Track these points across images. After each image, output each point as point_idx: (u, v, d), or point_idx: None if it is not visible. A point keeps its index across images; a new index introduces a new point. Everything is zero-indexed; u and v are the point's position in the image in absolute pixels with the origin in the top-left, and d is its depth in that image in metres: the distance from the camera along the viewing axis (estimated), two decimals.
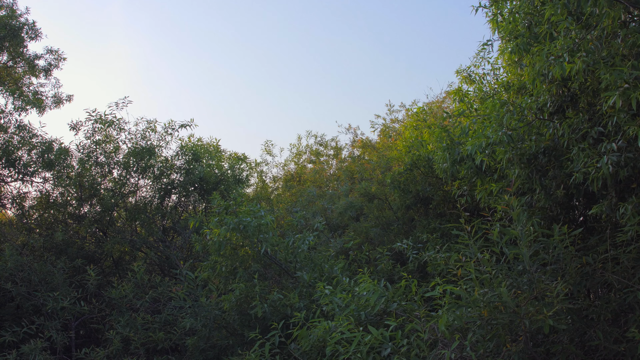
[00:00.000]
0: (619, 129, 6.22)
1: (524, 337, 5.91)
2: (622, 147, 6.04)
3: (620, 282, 6.15)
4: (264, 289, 8.51)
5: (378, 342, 6.45)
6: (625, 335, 5.89)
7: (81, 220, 13.18)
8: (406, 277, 7.39)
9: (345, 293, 7.38)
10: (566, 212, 7.66)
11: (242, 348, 8.10)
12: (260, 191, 18.96)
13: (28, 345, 9.19)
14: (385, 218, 12.90)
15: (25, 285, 10.42)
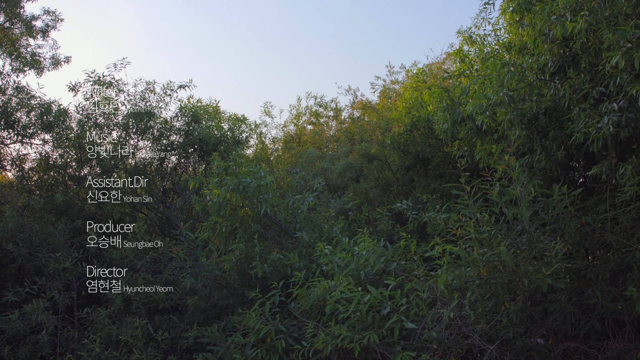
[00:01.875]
0: (620, 89, 6.18)
1: (522, 296, 5.95)
2: (623, 107, 6.01)
3: (619, 242, 6.17)
4: (264, 249, 8.55)
5: (377, 301, 6.50)
6: (623, 294, 5.94)
7: (81, 182, 13.18)
8: (406, 237, 7.42)
9: (345, 253, 7.42)
10: (566, 172, 7.66)
11: (242, 307, 8.17)
12: (260, 152, 18.93)
13: (30, 305, 9.26)
14: (384, 179, 12.90)
15: (26, 246, 10.46)
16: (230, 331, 8.01)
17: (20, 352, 9.16)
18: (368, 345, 6.23)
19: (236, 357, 7.26)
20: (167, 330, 9.17)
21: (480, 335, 6.31)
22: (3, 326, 9.14)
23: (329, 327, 6.68)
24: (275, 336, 7.12)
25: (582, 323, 6.22)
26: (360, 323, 6.47)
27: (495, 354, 6.21)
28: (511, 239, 6.10)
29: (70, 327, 9.97)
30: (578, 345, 6.19)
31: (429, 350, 6.36)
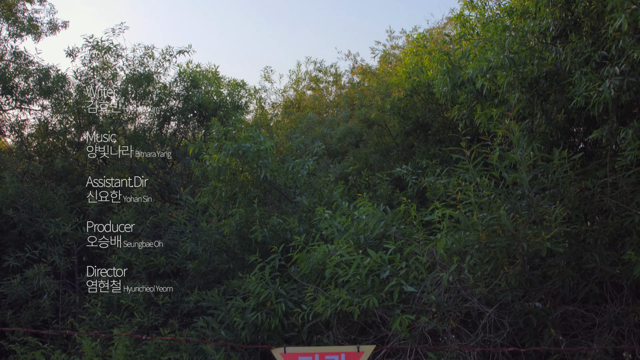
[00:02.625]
0: (622, 52, 6.13)
1: (521, 260, 5.98)
2: (625, 71, 5.97)
3: (619, 206, 6.17)
4: (264, 213, 8.56)
5: (377, 265, 6.53)
6: (622, 258, 5.96)
7: (80, 148, 13.15)
8: (405, 201, 7.43)
9: (345, 217, 7.44)
10: (566, 137, 7.64)
11: (242, 271, 8.21)
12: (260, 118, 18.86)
13: (32, 270, 9.31)
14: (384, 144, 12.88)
15: (26, 211, 10.48)
16: (230, 295, 8.06)
17: (22, 316, 9.24)
18: (367, 308, 6.27)
19: (236, 321, 7.32)
20: (168, 294, 9.23)
21: (479, 299, 6.35)
22: (5, 291, 9.20)
23: (328, 291, 6.72)
24: (275, 300, 7.17)
25: (580, 287, 6.26)
26: (360, 286, 6.51)
27: (493, 317, 6.26)
28: (511, 203, 6.10)
29: (72, 291, 10.04)
30: (576, 309, 6.23)
31: (427, 313, 6.41)
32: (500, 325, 6.29)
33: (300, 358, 4.16)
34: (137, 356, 7.30)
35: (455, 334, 6.37)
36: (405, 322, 6.07)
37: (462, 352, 6.17)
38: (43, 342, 8.10)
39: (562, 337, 5.97)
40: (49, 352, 7.71)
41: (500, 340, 6.10)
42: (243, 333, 7.26)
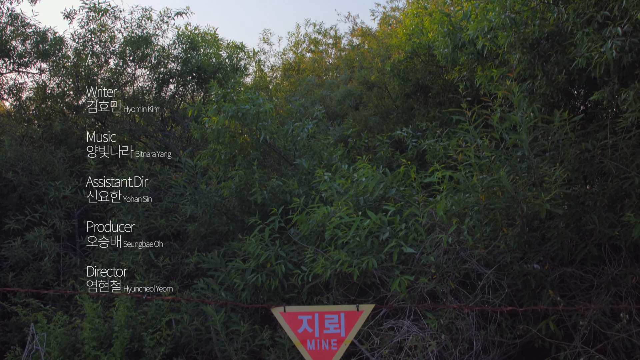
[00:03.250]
0: (625, 13, 6.05)
1: (520, 222, 5.99)
2: (627, 31, 5.90)
3: (619, 168, 6.16)
4: (263, 176, 8.55)
5: (376, 227, 6.54)
6: (621, 220, 5.97)
7: (79, 111, 13.10)
8: (405, 163, 7.42)
9: (344, 179, 7.43)
10: (567, 98, 7.59)
11: (242, 233, 8.23)
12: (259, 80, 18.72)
13: (32, 233, 9.34)
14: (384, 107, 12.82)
15: (26, 175, 10.48)
16: (230, 257, 8.10)
17: (24, 278, 9.30)
18: (367, 269, 6.31)
19: (236, 282, 7.36)
20: (168, 256, 9.28)
21: (477, 260, 6.38)
22: (6, 253, 9.25)
23: (328, 252, 6.75)
24: (275, 261, 7.21)
25: (579, 249, 6.28)
26: (359, 248, 6.53)
27: (492, 279, 6.30)
28: (511, 165, 6.09)
29: (72, 254, 10.08)
30: (574, 271, 6.27)
31: (427, 274, 6.44)
32: (498, 287, 6.33)
33: (299, 317, 4.19)
34: (138, 317, 7.37)
35: (454, 295, 6.42)
36: (404, 283, 6.11)
37: (460, 312, 6.22)
38: (45, 304, 8.17)
39: (560, 298, 6.01)
40: (50, 314, 7.77)
41: (499, 301, 6.14)
42: (243, 294, 7.31)
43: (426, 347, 5.98)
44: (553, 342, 6.06)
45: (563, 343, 6.00)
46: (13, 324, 8.58)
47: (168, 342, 7.18)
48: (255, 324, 7.35)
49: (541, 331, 6.04)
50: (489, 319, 6.30)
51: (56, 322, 7.20)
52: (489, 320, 6.29)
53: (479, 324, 6.26)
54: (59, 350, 6.86)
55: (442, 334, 6.07)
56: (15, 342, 8.11)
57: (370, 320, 6.52)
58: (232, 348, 6.95)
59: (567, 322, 6.09)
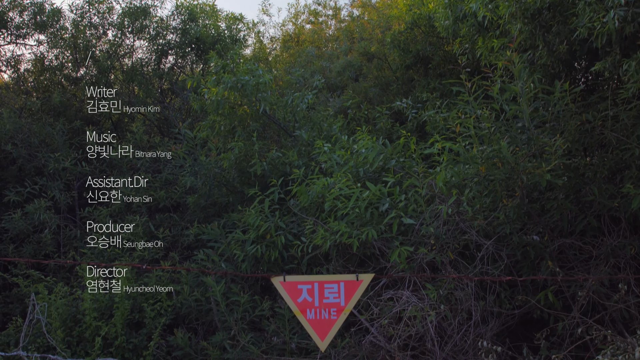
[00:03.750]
0: None
1: (520, 193, 5.98)
2: (630, 1, 5.84)
3: (619, 139, 6.14)
4: (263, 147, 8.54)
5: (376, 198, 6.54)
6: (620, 191, 5.96)
7: (78, 83, 13.04)
8: (405, 134, 7.40)
9: (344, 150, 7.42)
10: (568, 69, 7.54)
11: (242, 205, 8.24)
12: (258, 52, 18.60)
13: (32, 205, 9.35)
14: (384, 78, 12.75)
15: (25, 147, 10.46)
16: (230, 228, 8.12)
17: (24, 250, 9.33)
18: (366, 240, 6.32)
19: (236, 253, 7.39)
20: (168, 228, 9.29)
21: (477, 231, 6.39)
22: (6, 225, 9.26)
23: (327, 223, 6.76)
24: (274, 232, 7.22)
25: (578, 220, 6.29)
26: (359, 219, 6.54)
27: (491, 250, 6.31)
28: (511, 136, 6.07)
29: (73, 226, 10.10)
30: (573, 242, 6.28)
31: (426, 245, 6.46)
32: (498, 258, 6.35)
33: (299, 287, 4.20)
34: (139, 288, 7.40)
35: (453, 266, 6.44)
36: (403, 253, 6.13)
37: (459, 283, 6.24)
38: (45, 276, 8.20)
39: (559, 269, 6.03)
40: (51, 285, 7.81)
41: (498, 272, 6.17)
42: (243, 265, 7.34)
43: (425, 317, 6.01)
44: (551, 313, 6.09)
45: (561, 314, 6.04)
46: (14, 296, 8.63)
47: (168, 312, 7.22)
48: (255, 294, 7.38)
49: (540, 302, 6.06)
50: (488, 289, 6.33)
51: (57, 293, 7.23)
52: (487, 291, 6.32)
53: (478, 294, 6.28)
54: (60, 321, 6.89)
55: (441, 304, 6.10)
56: (17, 313, 8.16)
57: (370, 290, 6.55)
58: (232, 319, 6.99)
59: (566, 293, 6.11)
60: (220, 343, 6.91)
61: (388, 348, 6.11)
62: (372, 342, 6.33)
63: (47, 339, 6.84)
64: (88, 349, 6.82)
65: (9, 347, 7.12)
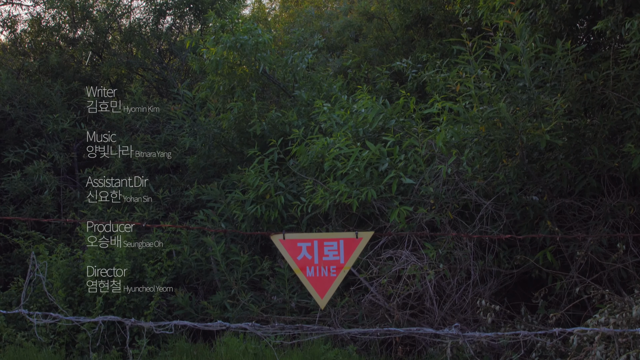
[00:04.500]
0: None
1: (520, 153, 5.97)
2: None
3: (620, 99, 6.10)
4: (262, 107, 8.49)
5: (376, 158, 6.54)
6: (621, 151, 5.94)
7: (75, 44, 12.92)
8: (405, 94, 7.35)
9: (344, 110, 7.38)
10: (570, 28, 7.46)
11: (241, 165, 8.23)
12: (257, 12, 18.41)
13: (32, 166, 9.34)
14: (384, 38, 12.61)
15: (23, 108, 10.40)
16: (229, 189, 8.12)
17: (24, 211, 9.35)
18: (366, 200, 6.33)
19: (236, 213, 7.41)
20: (168, 188, 9.29)
21: (476, 191, 6.40)
22: (6, 187, 9.26)
23: (327, 183, 6.76)
24: (274, 192, 7.23)
25: (578, 180, 6.29)
26: (359, 179, 6.54)
27: (491, 209, 6.32)
28: (511, 96, 6.04)
29: (72, 187, 10.10)
30: (572, 202, 6.29)
31: (426, 205, 6.47)
32: (497, 217, 6.37)
33: (299, 244, 4.21)
34: (139, 249, 7.42)
35: (452, 226, 6.46)
36: (403, 213, 6.14)
37: (459, 243, 6.27)
38: (46, 237, 8.23)
39: (557, 229, 6.05)
40: (52, 246, 7.84)
41: (497, 232, 6.19)
42: (243, 225, 7.36)
43: (424, 277, 6.05)
44: (550, 272, 6.13)
45: (560, 273, 6.08)
46: (15, 256, 8.67)
47: (169, 272, 7.25)
48: (255, 254, 7.42)
49: (538, 261, 6.10)
50: (486, 249, 6.36)
51: (58, 254, 7.26)
52: (486, 250, 6.35)
53: (476, 254, 6.31)
54: (61, 281, 6.94)
55: (440, 263, 6.13)
56: (18, 274, 8.20)
57: (369, 250, 6.58)
58: (232, 278, 7.03)
59: (565, 253, 6.14)
60: (221, 302, 6.96)
61: (387, 307, 6.16)
62: (371, 301, 6.38)
63: (48, 299, 6.89)
64: (89, 308, 6.88)
65: (11, 306, 7.18)
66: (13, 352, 5.90)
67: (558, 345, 5.36)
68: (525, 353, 5.57)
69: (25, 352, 5.91)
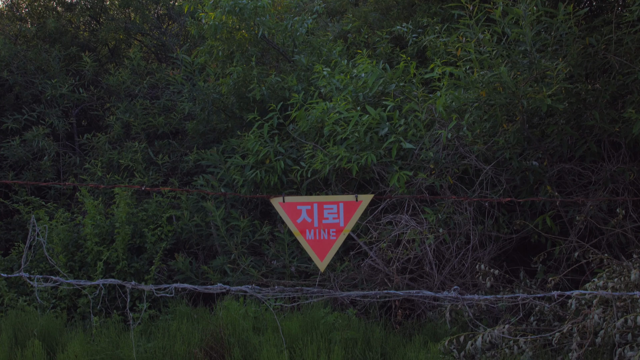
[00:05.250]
0: None
1: (520, 118, 5.95)
2: None
3: (622, 64, 6.06)
4: (262, 72, 8.44)
5: (375, 122, 6.52)
6: (622, 116, 5.92)
7: (73, 9, 12.79)
8: (405, 59, 7.30)
9: (344, 75, 7.34)
10: None
11: (241, 130, 8.21)
12: None
13: (31, 132, 9.31)
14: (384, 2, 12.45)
15: (21, 74, 10.34)
16: (229, 154, 8.11)
17: (24, 177, 9.36)
18: (366, 165, 6.32)
19: (236, 178, 7.40)
20: (167, 154, 9.28)
21: (476, 156, 6.39)
22: (5, 153, 9.25)
23: (327, 148, 6.75)
24: (274, 157, 7.22)
25: (578, 145, 6.27)
26: (358, 143, 6.53)
27: (491, 174, 6.32)
28: (512, 60, 6.00)
29: (72, 153, 10.09)
30: (572, 167, 6.28)
31: (425, 170, 6.47)
32: (497, 182, 6.37)
33: (298, 207, 4.21)
34: (139, 214, 7.44)
35: (452, 191, 6.46)
36: (403, 178, 6.14)
37: (458, 207, 6.27)
38: (46, 202, 8.25)
39: (557, 193, 6.05)
40: (52, 211, 7.85)
41: (497, 197, 6.19)
42: (242, 190, 7.37)
43: (424, 241, 6.06)
44: (549, 237, 6.15)
45: (559, 238, 6.09)
46: (16, 222, 8.69)
47: (169, 237, 7.28)
48: (255, 219, 7.44)
49: (537, 226, 6.11)
50: (486, 214, 6.37)
51: (58, 219, 7.28)
52: (486, 215, 6.36)
53: (476, 219, 6.33)
54: (61, 246, 6.96)
55: (440, 228, 6.15)
56: (19, 239, 8.23)
57: (369, 215, 6.59)
58: (232, 243, 7.06)
59: (564, 218, 6.15)
60: (221, 267, 7.00)
61: (386, 271, 6.19)
62: (371, 265, 6.41)
63: (49, 264, 6.93)
64: (90, 273, 6.92)
65: (12, 272, 7.22)
66: (15, 317, 5.94)
67: (556, 309, 5.40)
68: (523, 317, 5.61)
69: (27, 316, 5.95)
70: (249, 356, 5.14)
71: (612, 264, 5.19)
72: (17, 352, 5.20)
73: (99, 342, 5.45)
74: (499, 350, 4.97)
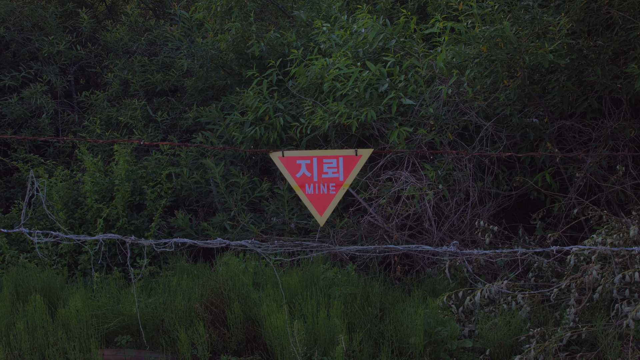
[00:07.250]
0: None
1: (521, 74, 5.91)
2: None
3: (626, 19, 5.99)
4: (261, 28, 8.35)
5: (375, 78, 6.48)
6: (624, 72, 5.87)
7: None
8: (406, 14, 7.23)
9: (343, 30, 7.27)
10: None
11: (240, 87, 8.16)
12: None
13: (28, 90, 9.25)
14: None
15: (18, 31, 10.22)
16: (228, 111, 8.07)
17: (22, 135, 9.30)
18: (365, 121, 6.30)
19: (235, 135, 7.38)
20: (166, 111, 9.24)
21: (477, 112, 6.36)
22: (3, 110, 9.20)
23: (326, 104, 6.71)
24: (273, 114, 7.19)
25: (579, 102, 6.24)
26: (358, 99, 6.49)
27: (491, 131, 6.31)
28: (514, 15, 5.94)
29: (70, 110, 10.04)
30: (573, 124, 6.26)
31: (425, 126, 6.44)
32: (497, 139, 6.36)
33: (298, 162, 4.20)
34: (139, 171, 7.44)
35: (452, 147, 6.45)
36: (402, 134, 6.12)
37: (458, 164, 6.27)
38: (45, 160, 8.23)
39: (557, 150, 6.04)
40: (51, 169, 7.84)
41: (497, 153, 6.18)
42: (242, 147, 7.35)
43: (423, 198, 6.07)
44: (548, 194, 6.16)
45: (558, 195, 6.10)
46: (15, 180, 8.68)
47: (169, 195, 7.29)
48: (255, 176, 7.44)
49: (537, 183, 6.11)
50: (485, 170, 6.37)
51: (57, 177, 7.27)
52: (485, 172, 6.36)
53: (476, 175, 6.33)
54: (61, 204, 6.97)
55: (440, 184, 6.15)
56: (19, 197, 8.24)
57: (369, 171, 6.59)
58: (231, 200, 7.07)
59: (564, 175, 6.16)
60: (220, 224, 7.02)
61: (386, 228, 6.21)
62: (370, 222, 6.43)
63: (50, 220, 6.95)
64: (90, 230, 6.94)
65: (13, 229, 7.23)
66: (16, 274, 5.97)
67: (555, 266, 5.43)
68: (521, 273, 5.66)
69: (28, 273, 5.99)
70: (249, 311, 5.18)
71: (611, 220, 5.21)
72: (19, 307, 5.24)
73: (100, 297, 5.49)
74: (497, 305, 5.02)
